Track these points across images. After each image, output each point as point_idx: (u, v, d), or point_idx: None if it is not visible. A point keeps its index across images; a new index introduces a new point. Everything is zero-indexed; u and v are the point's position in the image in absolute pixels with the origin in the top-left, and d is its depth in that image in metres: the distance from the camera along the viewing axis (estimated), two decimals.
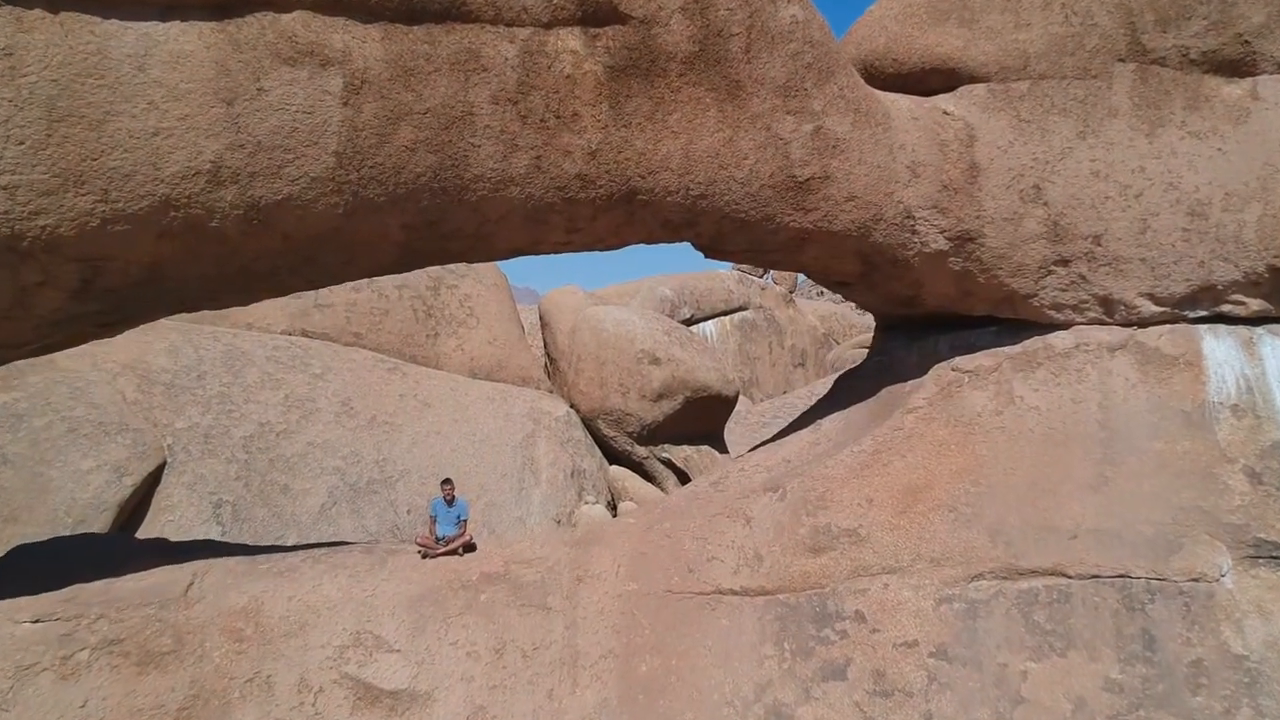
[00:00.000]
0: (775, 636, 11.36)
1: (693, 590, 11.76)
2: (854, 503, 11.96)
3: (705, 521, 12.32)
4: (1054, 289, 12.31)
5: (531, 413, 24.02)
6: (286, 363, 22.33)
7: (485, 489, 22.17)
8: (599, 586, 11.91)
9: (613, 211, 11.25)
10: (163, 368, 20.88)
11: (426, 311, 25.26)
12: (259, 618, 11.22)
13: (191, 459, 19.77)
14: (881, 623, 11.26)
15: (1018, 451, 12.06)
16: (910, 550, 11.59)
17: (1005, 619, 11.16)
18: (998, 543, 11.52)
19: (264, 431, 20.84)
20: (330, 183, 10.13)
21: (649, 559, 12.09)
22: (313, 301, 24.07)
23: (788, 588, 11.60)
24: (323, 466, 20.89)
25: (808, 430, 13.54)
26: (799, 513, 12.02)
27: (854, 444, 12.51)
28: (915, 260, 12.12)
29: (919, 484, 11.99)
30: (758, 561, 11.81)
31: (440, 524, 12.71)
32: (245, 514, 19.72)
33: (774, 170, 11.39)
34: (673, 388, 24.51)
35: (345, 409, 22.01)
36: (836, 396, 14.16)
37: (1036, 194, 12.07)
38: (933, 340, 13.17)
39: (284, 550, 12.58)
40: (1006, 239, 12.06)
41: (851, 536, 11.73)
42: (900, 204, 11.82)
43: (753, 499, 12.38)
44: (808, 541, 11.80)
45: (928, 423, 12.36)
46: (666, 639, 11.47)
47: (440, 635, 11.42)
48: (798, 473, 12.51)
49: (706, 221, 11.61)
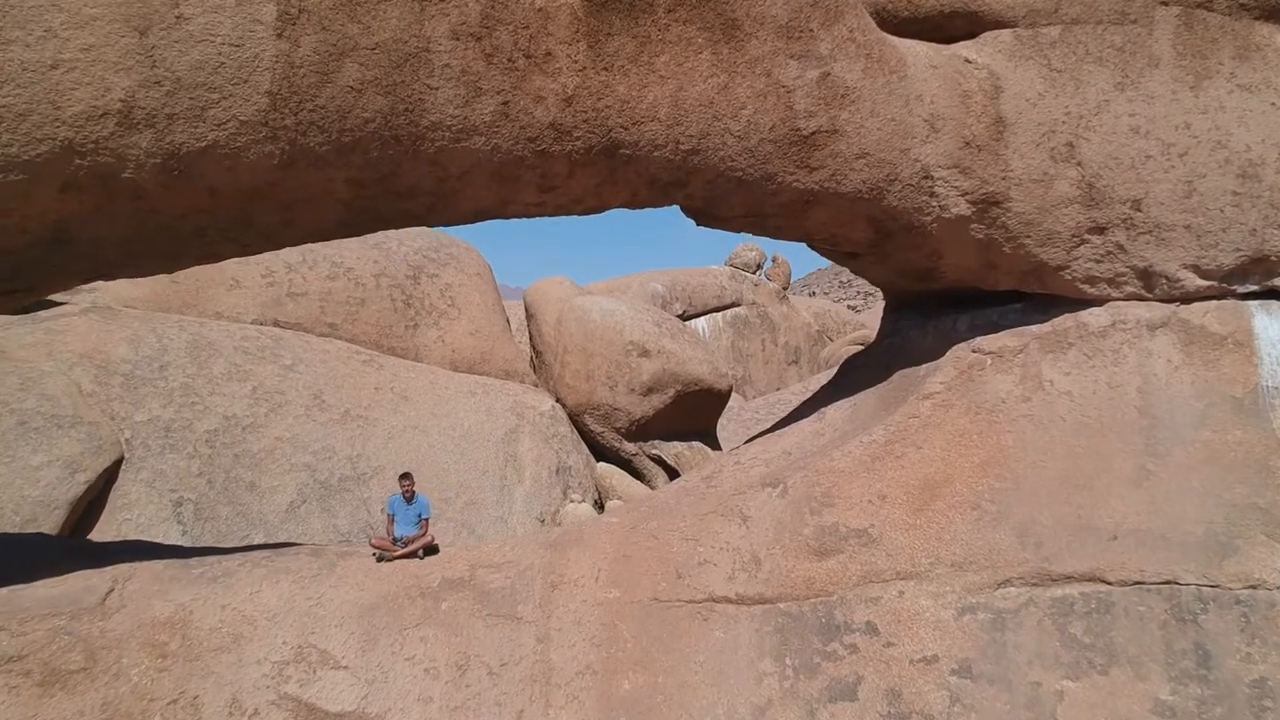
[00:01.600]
0: (775, 651, 9.83)
1: (682, 598, 10.22)
2: (864, 499, 10.43)
3: (696, 520, 10.78)
4: (1088, 260, 10.80)
5: (515, 407, 22.58)
6: (255, 353, 20.84)
7: (465, 487, 20.78)
8: (576, 594, 10.37)
9: (592, 168, 9.72)
10: (122, 358, 19.39)
11: (406, 301, 23.81)
12: (187, 630, 9.65)
13: (151, 454, 18.34)
14: (896, 635, 9.73)
15: (1048, 442, 10.55)
16: (928, 553, 10.07)
17: (1037, 631, 9.65)
18: (1027, 544, 10.01)
19: (230, 425, 19.36)
20: (263, 128, 8.60)
21: (633, 563, 10.55)
22: (285, 290, 22.67)
23: (790, 595, 10.07)
24: (292, 462, 19.45)
25: (811, 419, 11.99)
26: (802, 511, 10.48)
27: (863, 434, 10.98)
28: (933, 227, 10.60)
29: (937, 478, 10.47)
30: (756, 566, 10.28)
31: (398, 523, 11.16)
32: (208, 513, 18.30)
33: (775, 122, 9.87)
34: (663, 381, 23.01)
35: (317, 402, 20.53)
36: (842, 382, 12.62)
37: (1069, 152, 10.56)
38: (950, 319, 11.65)
39: (221, 552, 11.01)
40: (1035, 203, 10.55)
41: (861, 537, 10.20)
42: (917, 162, 10.31)
43: (750, 495, 10.84)
44: (812, 543, 10.27)
45: (946, 410, 10.83)
46: (652, 653, 9.94)
47: (395, 650, 9.86)
48: (800, 466, 10.96)
49: (699, 181, 10.08)
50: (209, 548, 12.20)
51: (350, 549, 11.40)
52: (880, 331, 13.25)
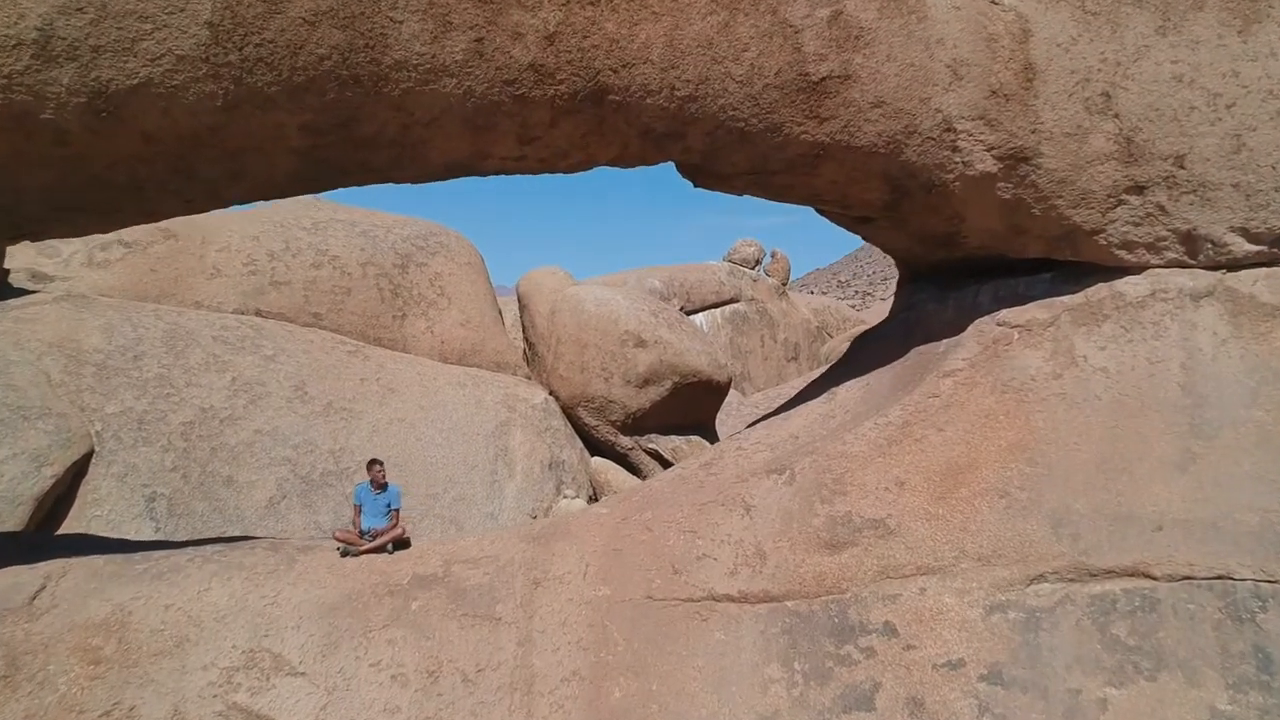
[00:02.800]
0: (783, 655, 8.68)
1: (679, 596, 9.08)
2: (880, 487, 9.30)
3: (695, 511, 9.64)
4: (1125, 223, 9.66)
5: (506, 399, 21.49)
6: (235, 343, 19.74)
7: (454, 482, 19.69)
8: (562, 592, 9.23)
9: (577, 116, 8.60)
10: (95, 347, 18.32)
11: (393, 290, 22.71)
12: (124, 632, 8.52)
13: (123, 447, 17.27)
14: (918, 637, 8.58)
15: (1082, 423, 9.41)
16: (952, 545, 8.93)
17: (1075, 632, 8.50)
18: (1062, 535, 8.87)
19: (206, 417, 18.26)
20: (203, 64, 7.48)
21: (625, 557, 9.42)
22: (268, 279, 21.62)
23: (799, 593, 8.93)
24: (271, 456, 18.36)
25: (820, 400, 10.84)
26: (812, 499, 9.34)
27: (878, 415, 9.85)
28: (956, 186, 9.47)
29: (961, 463, 9.33)
30: (761, 560, 9.13)
31: (366, 514, 10.04)
32: (182, 508, 17.23)
33: (781, 66, 8.74)
34: (660, 372, 21.87)
35: (299, 394, 19.43)
36: (854, 361, 11.48)
37: (1106, 103, 9.42)
38: (972, 290, 10.53)
39: (171, 547, 9.89)
40: (1069, 159, 9.41)
41: (878, 528, 9.06)
42: (938, 113, 9.18)
43: (754, 483, 9.70)
44: (823, 535, 9.13)
45: (970, 389, 9.69)
46: (646, 657, 8.79)
47: (358, 654, 8.72)
48: (809, 451, 9.83)
49: (697, 132, 8.96)
50: (158, 541, 11.10)
51: (312, 543, 10.27)
52: (894, 306, 12.09)
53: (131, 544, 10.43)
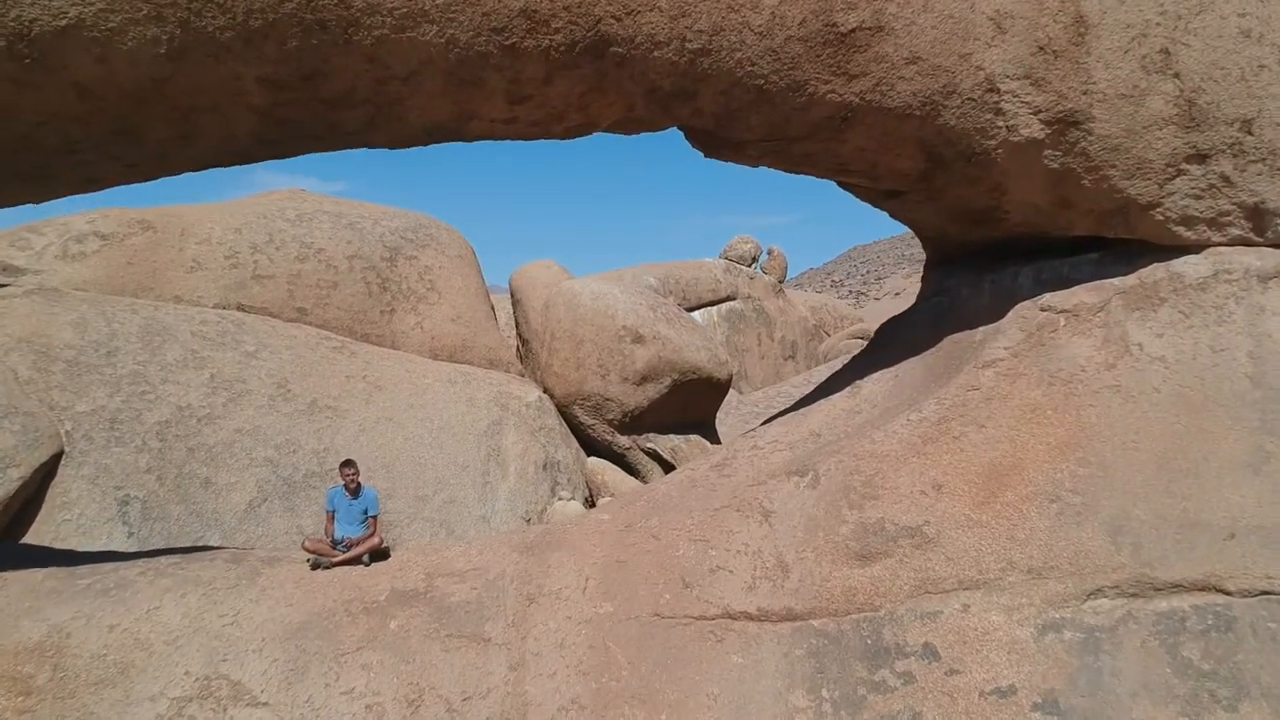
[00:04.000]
0: (809, 680, 7.57)
1: (691, 613, 7.96)
2: (915, 490, 8.18)
3: (707, 517, 8.52)
4: (1185, 196, 8.55)
5: (499, 397, 20.36)
6: (215, 339, 18.61)
7: (444, 483, 18.56)
8: (559, 609, 8.10)
9: (576, 70, 7.46)
10: (66, 343, 17.18)
11: (381, 285, 21.56)
12: (61, 658, 7.37)
13: (94, 447, 16.17)
14: (962, 660, 7.47)
15: (1140, 418, 8.31)
16: (998, 556, 7.81)
17: (1141, 654, 7.40)
18: (1121, 545, 7.76)
19: (183, 416, 17.11)
20: (144, 3, 6.29)
21: (629, 570, 8.29)
22: (250, 273, 20.46)
23: (826, 610, 7.81)
24: (252, 457, 17.22)
25: (843, 394, 9.72)
26: (839, 504, 8.22)
27: (910, 411, 8.73)
28: (998, 153, 8.36)
29: (1005, 463, 8.22)
30: (782, 573, 8.01)
31: (340, 522, 8.90)
32: (157, 512, 16.10)
33: (806, 15, 7.62)
34: (658, 369, 20.76)
35: (281, 391, 18.29)
36: (879, 351, 10.34)
37: (1165, 61, 8.31)
38: (1010, 272, 9.41)
39: (121, 558, 8.71)
40: (1123, 124, 8.30)
41: (915, 537, 7.94)
42: (980, 71, 8.06)
43: (772, 486, 8.58)
44: (853, 544, 8.01)
45: (1013, 380, 8.58)
46: (654, 683, 7.67)
47: (329, 680, 7.59)
48: (834, 450, 8.71)
49: (710, 91, 7.83)
50: (108, 552, 9.92)
51: (277, 554, 9.12)
52: (922, 291, 10.94)
53: (80, 555, 9.31)
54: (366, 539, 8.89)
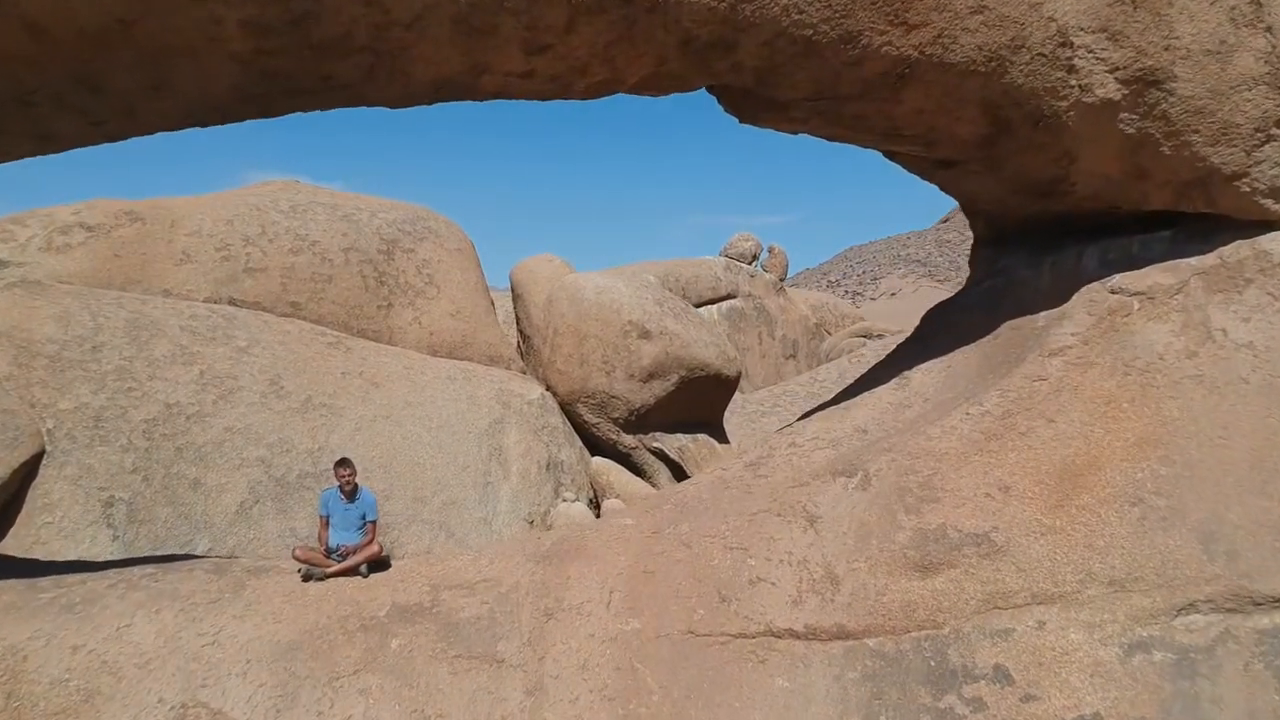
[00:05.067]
0: (865, 707, 6.60)
1: (729, 631, 6.98)
2: (980, 492, 7.21)
3: (744, 523, 7.54)
4: (1275, 165, 7.58)
5: (500, 395, 19.42)
6: (205, 334, 17.65)
7: (443, 484, 17.62)
8: (581, 626, 7.12)
9: (601, 16, 6.48)
10: (48, 337, 16.25)
11: (378, 279, 20.58)
12: (16, 684, 6.39)
13: (78, 447, 15.27)
14: (1039, 684, 6.50)
15: (1227, 412, 7.36)
16: (1075, 566, 6.85)
17: (1244, 679, 6.44)
18: (1215, 554, 6.80)
19: (171, 414, 16.17)
20: None
21: (658, 581, 7.31)
22: (242, 265, 19.48)
23: (883, 628, 6.83)
24: (243, 456, 16.28)
25: (889, 387, 8.74)
26: (893, 509, 7.25)
27: (969, 403, 7.76)
28: (1070, 116, 7.40)
29: (1079, 462, 7.25)
30: (832, 585, 7.03)
31: (335, 528, 7.90)
32: (143, 514, 15.17)
33: None
34: (666, 366, 19.75)
35: (274, 388, 17.34)
36: (927, 339, 9.37)
37: (1255, 13, 7.38)
38: (1073, 252, 8.46)
39: (91, 569, 7.70)
40: (1208, 83, 7.36)
41: (981, 545, 6.97)
42: (1052, 23, 7.10)
43: (817, 488, 7.61)
44: (911, 553, 7.03)
45: (1084, 369, 7.62)
46: (689, 710, 6.70)
47: (322, 708, 6.61)
48: (885, 448, 7.74)
49: (751, 42, 6.86)
50: (76, 562, 8.90)
51: (265, 564, 8.11)
52: (973, 273, 9.93)
53: (45, 565, 8.31)
54: (364, 547, 7.89)
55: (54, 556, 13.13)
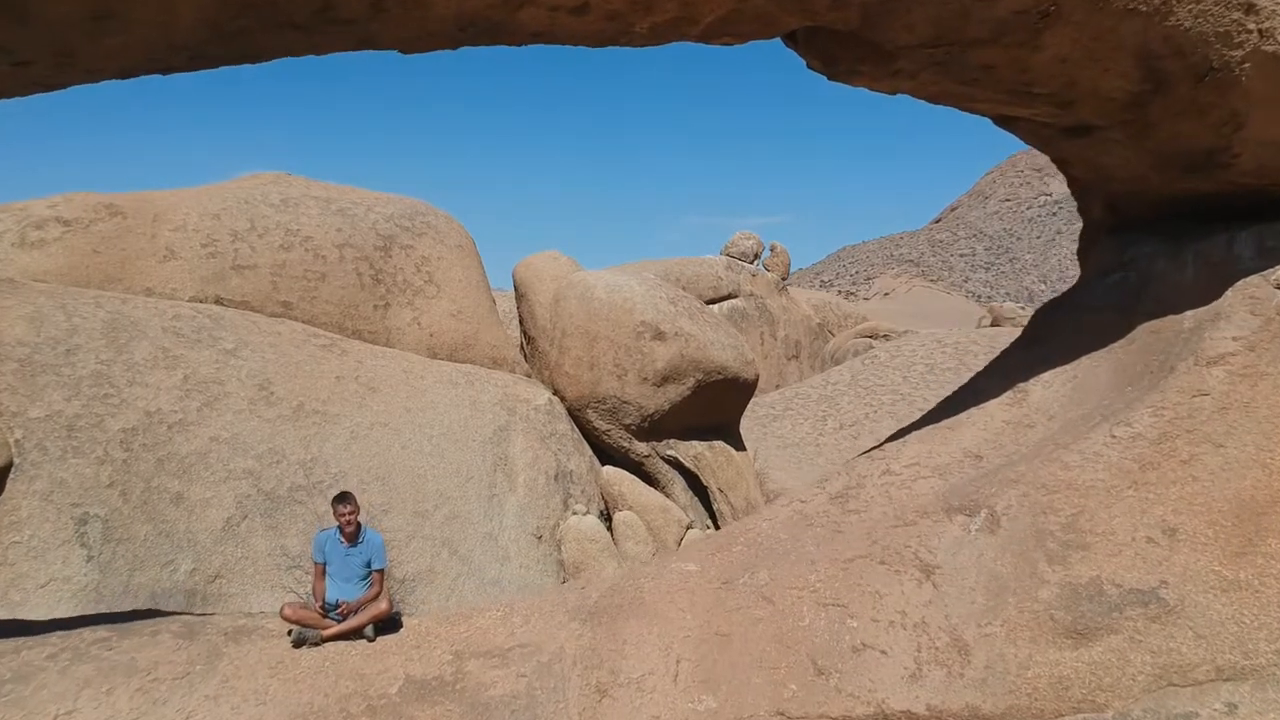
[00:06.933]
0: None
1: (830, 713, 5.45)
2: (1139, 536, 5.66)
3: (838, 571, 5.98)
4: None
5: (505, 400, 17.91)
6: (189, 335, 16.11)
7: (446, 497, 16.13)
8: (644, 707, 5.55)
9: None
10: (18, 339, 14.70)
11: (374, 276, 19.04)
12: None
13: (49, 459, 13.74)
14: None
15: None
16: (1271, 632, 5.31)
17: None
18: None
19: (151, 423, 14.62)
20: None
21: (736, 647, 5.74)
22: (230, 262, 17.94)
23: (1029, 710, 5.28)
24: (230, 468, 14.74)
25: (1001, 401, 7.18)
26: (1032, 557, 5.69)
27: (1112, 424, 6.21)
28: (1243, 69, 5.86)
29: (1260, 497, 5.73)
30: (961, 656, 5.46)
31: (333, 578, 6.30)
32: (121, 532, 13.64)
33: None
34: (681, 369, 18.20)
35: (263, 394, 15.80)
36: (1040, 344, 7.79)
37: None
38: (1222, 240, 6.92)
39: (26, 633, 6.08)
40: None
41: (1148, 604, 5.42)
42: None
43: (928, 529, 6.05)
44: (1060, 615, 5.47)
45: (1253, 382, 6.10)
46: None
47: None
48: (1010, 479, 6.17)
49: None
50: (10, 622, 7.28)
51: (247, 624, 6.49)
52: (1094, 264, 8.25)
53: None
54: (369, 603, 6.31)
55: (22, 579, 11.68)
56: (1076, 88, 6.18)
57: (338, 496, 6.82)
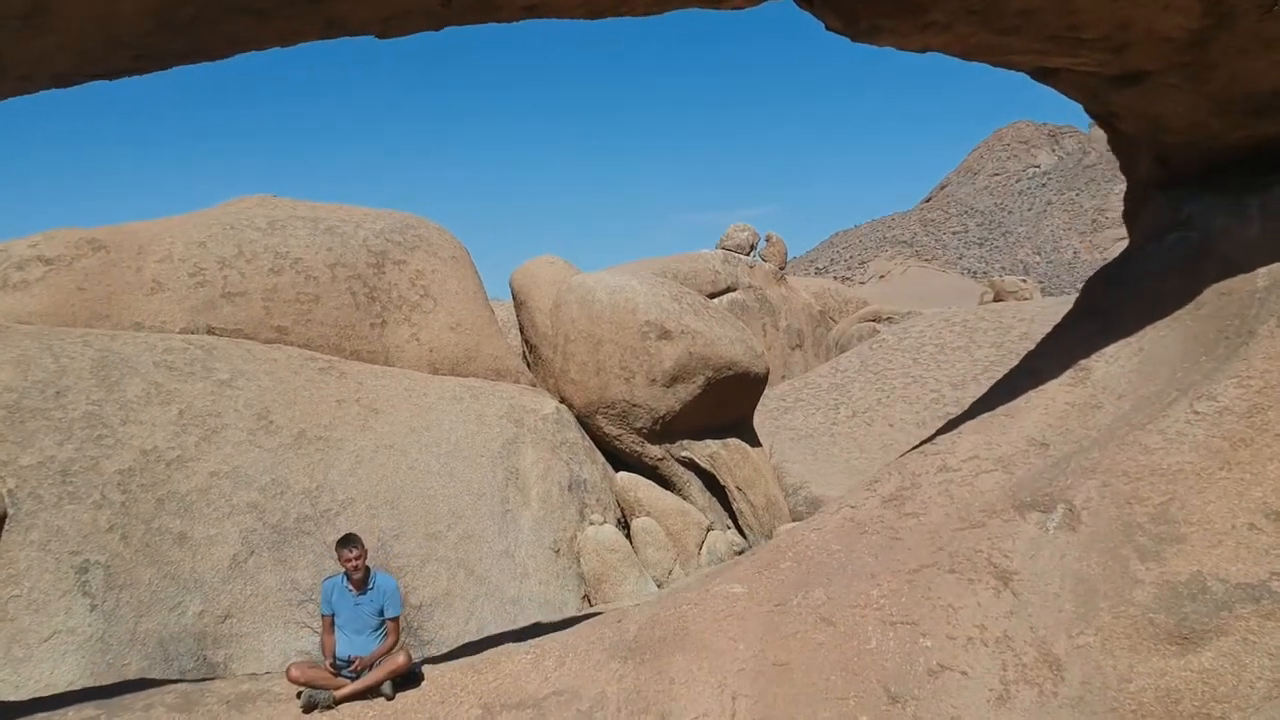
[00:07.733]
0: None
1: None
2: (1239, 523, 5.02)
3: (903, 584, 5.33)
4: None
5: (511, 412, 17.39)
6: (183, 369, 15.56)
7: (459, 516, 15.59)
8: None
9: None
10: (5, 385, 14.19)
11: (369, 295, 18.47)
12: None
13: (44, 507, 13.33)
14: None
15: None
16: None
17: None
18: None
19: (149, 462, 14.10)
20: None
21: (797, 678, 5.09)
22: (219, 290, 17.41)
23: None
24: (233, 503, 14.24)
25: (1061, 382, 6.53)
26: (1123, 555, 5.04)
27: (1193, 399, 5.57)
28: None
29: None
30: (1052, 671, 4.82)
31: (343, 630, 5.64)
32: (124, 578, 13.15)
33: None
34: (690, 367, 17.66)
35: (263, 424, 15.24)
36: (1099, 313, 7.14)
37: None
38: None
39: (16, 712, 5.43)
40: None
41: (1260, 600, 4.78)
42: None
43: (999, 530, 5.40)
44: (1160, 619, 4.83)
45: None
46: None
47: None
48: (1086, 468, 5.53)
49: None
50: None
51: (251, 689, 5.82)
52: (1145, 227, 7.58)
53: None
54: (385, 655, 5.66)
55: (24, 634, 11.31)
56: (1130, 30, 5.52)
57: (341, 540, 6.15)
